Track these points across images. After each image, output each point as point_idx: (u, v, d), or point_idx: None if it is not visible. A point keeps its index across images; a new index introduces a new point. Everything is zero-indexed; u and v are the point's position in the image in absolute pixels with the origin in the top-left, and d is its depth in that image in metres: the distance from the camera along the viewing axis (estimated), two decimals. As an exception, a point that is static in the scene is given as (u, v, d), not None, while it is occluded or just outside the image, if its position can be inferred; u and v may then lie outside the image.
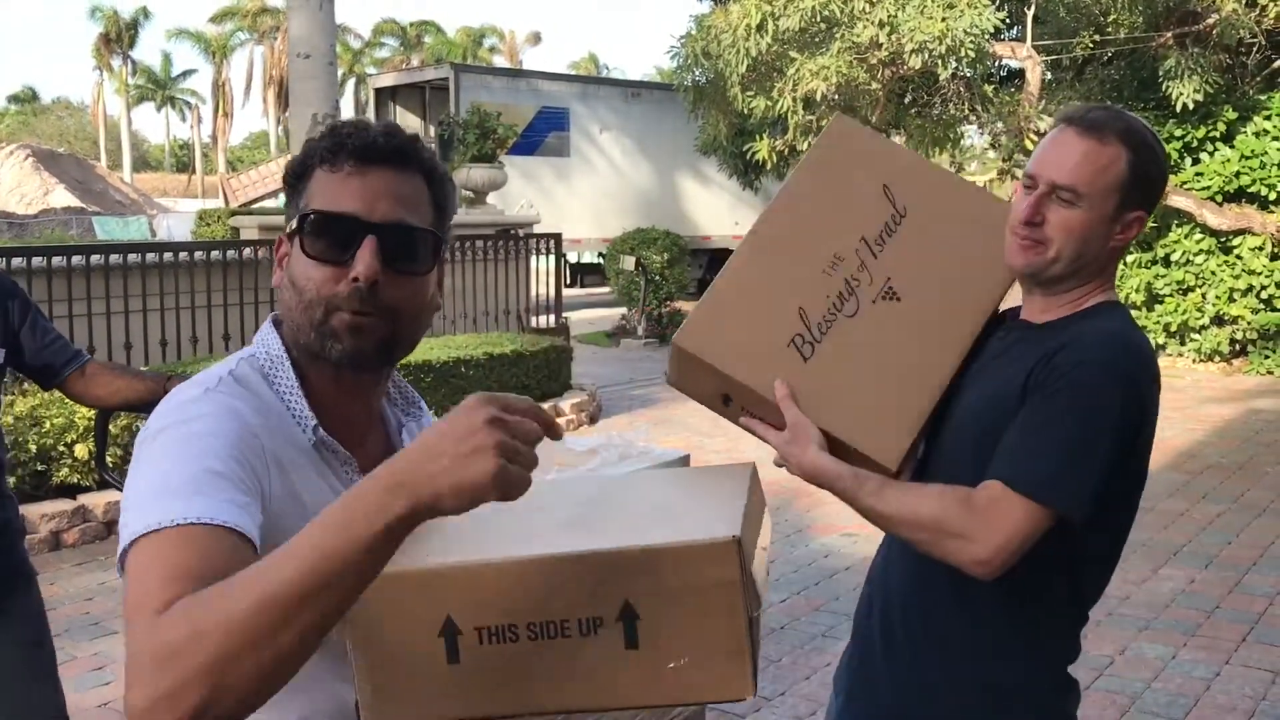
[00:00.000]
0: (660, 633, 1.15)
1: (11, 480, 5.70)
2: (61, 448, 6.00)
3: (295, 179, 1.31)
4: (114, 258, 8.05)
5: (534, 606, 1.15)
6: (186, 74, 65.70)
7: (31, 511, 5.84)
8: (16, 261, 7.49)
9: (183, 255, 8.82)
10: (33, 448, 5.91)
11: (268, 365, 1.31)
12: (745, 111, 11.98)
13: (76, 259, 7.78)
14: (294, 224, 1.29)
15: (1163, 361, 12.36)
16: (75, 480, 6.07)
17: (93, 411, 3.40)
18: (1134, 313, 12.16)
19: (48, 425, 5.99)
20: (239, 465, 1.16)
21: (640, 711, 1.22)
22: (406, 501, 0.94)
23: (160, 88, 62.30)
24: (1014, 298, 1.86)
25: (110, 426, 2.91)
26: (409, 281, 1.29)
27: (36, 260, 7.65)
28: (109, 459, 3.17)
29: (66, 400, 5.62)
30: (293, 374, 1.30)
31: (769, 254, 1.81)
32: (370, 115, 23.19)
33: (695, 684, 1.15)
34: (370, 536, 0.94)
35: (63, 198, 29.16)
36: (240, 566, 1.01)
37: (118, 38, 57.32)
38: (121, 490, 3.35)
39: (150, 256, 8.46)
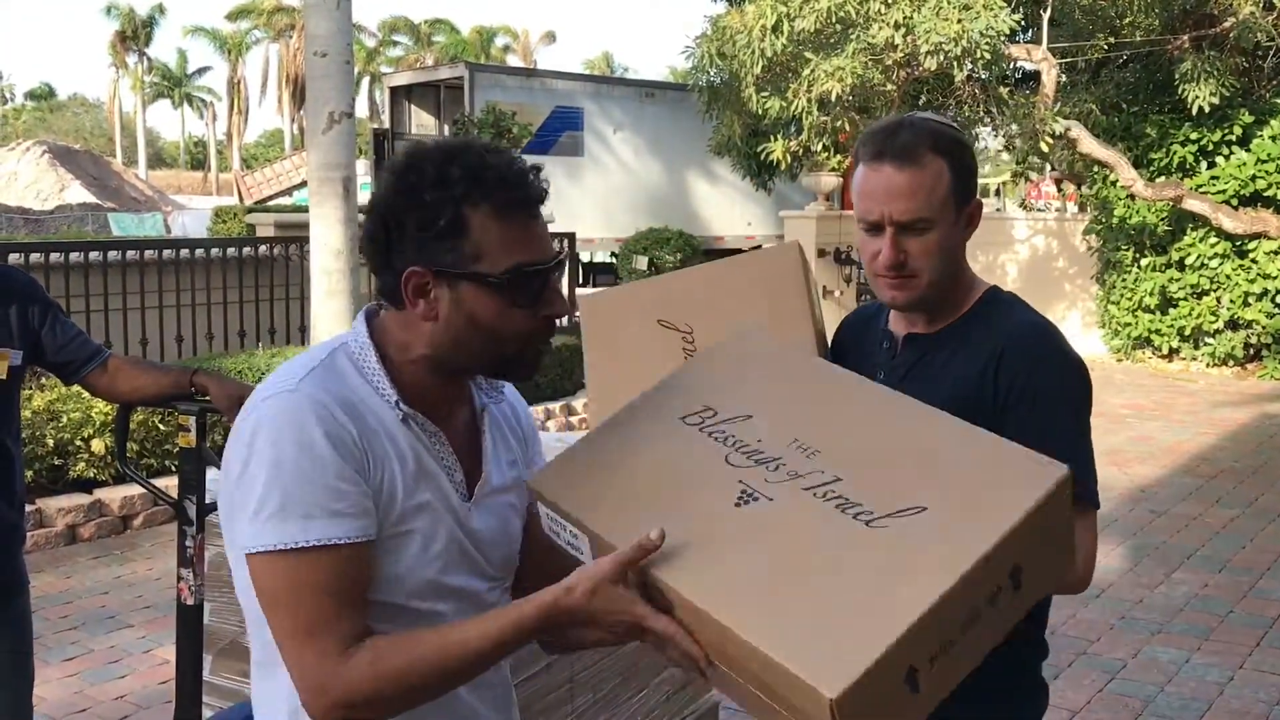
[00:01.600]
0: None
1: (28, 474, 5.75)
2: (79, 442, 6.04)
3: (442, 221, 1.35)
4: (130, 254, 8.09)
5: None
6: (202, 71, 65.64)
7: (48, 505, 5.88)
8: (34, 257, 7.54)
9: (199, 252, 8.87)
10: (50, 442, 5.95)
11: (357, 352, 1.44)
12: (759, 112, 11.94)
13: (94, 254, 7.82)
14: (471, 268, 1.36)
15: (1176, 365, 12.41)
16: (91, 475, 6.11)
17: (111, 406, 3.44)
18: (1148, 316, 12.28)
19: (65, 420, 6.03)
20: (348, 466, 1.32)
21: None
22: (545, 622, 1.30)
23: (175, 85, 62.53)
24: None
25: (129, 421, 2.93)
26: None
27: (54, 256, 7.69)
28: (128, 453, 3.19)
29: (84, 395, 5.66)
30: (376, 360, 1.43)
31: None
32: (386, 114, 23.23)
33: None
34: (523, 629, 1.30)
35: (78, 194, 29.29)
36: (368, 574, 1.33)
37: (133, 35, 57.54)
38: (140, 484, 3.35)
39: (166, 253, 8.51)
